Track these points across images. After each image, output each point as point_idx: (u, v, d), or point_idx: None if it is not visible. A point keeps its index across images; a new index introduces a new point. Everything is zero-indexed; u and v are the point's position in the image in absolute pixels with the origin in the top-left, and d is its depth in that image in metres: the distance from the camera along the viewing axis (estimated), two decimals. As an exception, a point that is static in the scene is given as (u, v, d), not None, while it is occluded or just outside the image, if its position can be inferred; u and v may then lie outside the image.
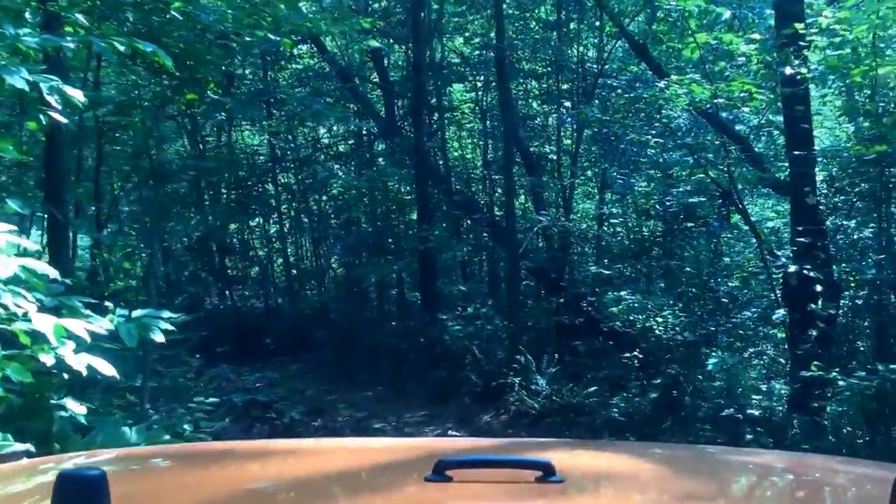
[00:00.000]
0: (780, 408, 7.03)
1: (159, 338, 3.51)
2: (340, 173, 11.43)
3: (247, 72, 13.73)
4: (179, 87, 6.57)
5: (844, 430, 6.15)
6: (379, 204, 11.37)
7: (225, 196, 14.21)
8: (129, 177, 8.12)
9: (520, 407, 8.34)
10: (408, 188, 11.79)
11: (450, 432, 8.12)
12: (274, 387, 9.54)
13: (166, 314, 3.61)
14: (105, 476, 1.13)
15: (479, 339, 9.34)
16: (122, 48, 3.88)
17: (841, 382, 5.83)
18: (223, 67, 6.73)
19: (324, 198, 13.26)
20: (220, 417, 6.11)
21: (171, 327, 3.57)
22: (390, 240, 11.65)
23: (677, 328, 8.73)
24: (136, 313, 3.51)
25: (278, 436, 8.06)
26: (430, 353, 9.86)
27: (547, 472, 1.46)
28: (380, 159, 12.78)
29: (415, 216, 11.30)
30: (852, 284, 8.60)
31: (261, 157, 13.88)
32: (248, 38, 6.96)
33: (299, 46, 13.73)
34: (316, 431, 8.23)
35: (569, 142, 11.48)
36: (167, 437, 4.11)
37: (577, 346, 9.12)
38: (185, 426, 4.52)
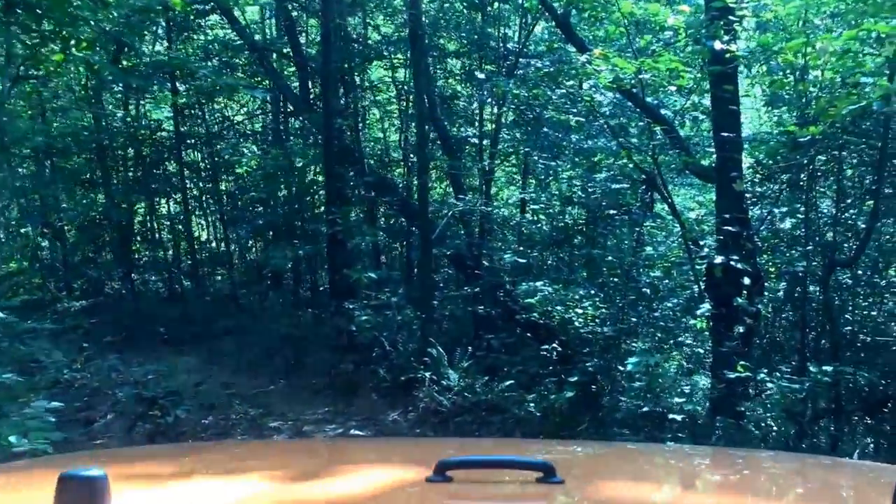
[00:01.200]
0: (702, 408, 6.63)
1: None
2: (247, 151, 10.63)
3: (157, 46, 12.90)
4: (42, 45, 5.75)
5: (771, 434, 5.76)
6: (287, 184, 10.61)
7: (131, 173, 13.27)
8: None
9: (429, 404, 7.77)
10: (320, 168, 11.09)
11: (352, 432, 7.51)
12: (166, 380, 8.74)
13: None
14: (106, 477, 1.15)
15: (388, 330, 8.72)
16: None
17: (770, 385, 5.42)
18: (92, 23, 5.90)
19: (231, 178, 12.44)
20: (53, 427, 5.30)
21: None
22: (299, 223, 10.90)
23: (597, 320, 8.30)
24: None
25: (161, 436, 7.33)
26: (336, 345, 9.21)
27: (548, 473, 1.46)
28: (292, 137, 12.03)
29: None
30: (773, 276, 8.30)
31: (164, 133, 12.95)
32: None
33: (209, 17, 12.92)
34: (204, 431, 7.50)
35: (492, 126, 10.98)
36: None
37: (491, 339, 8.61)
38: (12, 437, 3.78)
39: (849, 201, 7.66)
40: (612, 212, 9.51)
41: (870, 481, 1.82)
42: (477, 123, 11.23)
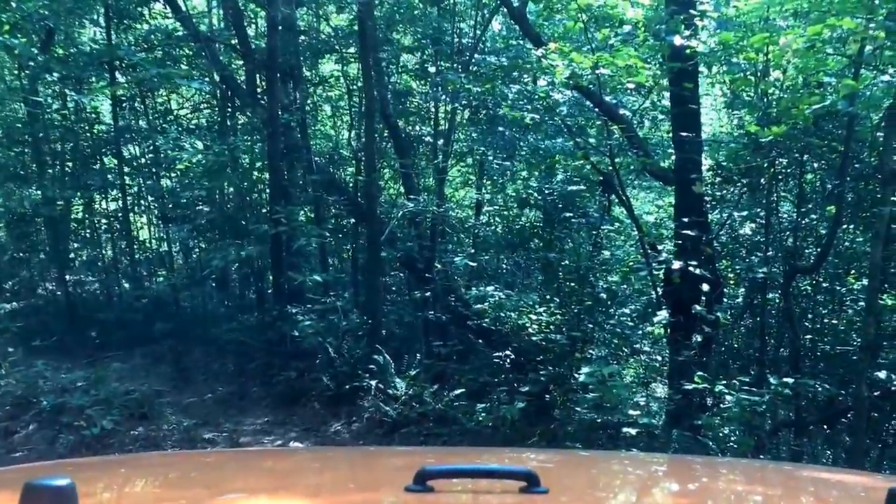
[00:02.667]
0: (658, 421, 6.32)
1: None
2: (188, 146, 10.10)
3: (95, 34, 12.31)
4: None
5: (729, 448, 5.48)
6: (230, 181, 10.09)
7: (70, 167, 12.65)
8: None
9: (374, 414, 7.37)
10: (265, 165, 10.60)
11: (292, 443, 7.07)
12: (95, 387, 8.20)
13: None
14: (74, 486, 1.10)
15: (333, 335, 8.29)
16: None
17: (728, 397, 5.12)
18: (14, 4, 5.39)
19: (172, 174, 11.89)
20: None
21: None
22: (244, 222, 10.40)
23: (552, 327, 7.98)
24: None
25: (86, 449, 6.82)
26: (279, 351, 8.75)
27: (531, 483, 1.42)
28: (238, 132, 11.52)
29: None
30: (731, 282, 8.06)
31: (103, 126, 12.36)
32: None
33: (151, 5, 12.36)
34: (132, 443, 7.01)
35: (446, 124, 10.64)
36: None
37: (440, 346, 8.26)
38: None
39: (810, 206, 7.44)
40: (568, 214, 9.20)
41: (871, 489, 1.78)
42: (432, 121, 10.87)
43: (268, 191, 10.73)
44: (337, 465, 2.00)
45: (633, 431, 5.47)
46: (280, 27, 9.76)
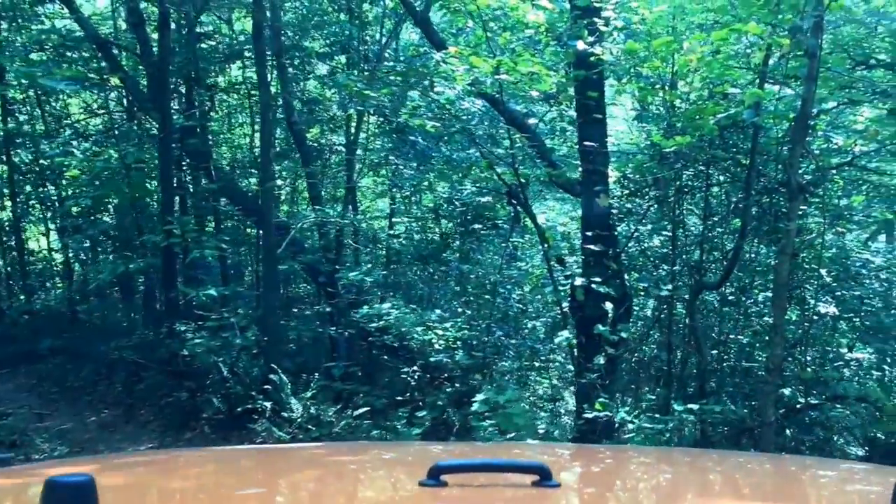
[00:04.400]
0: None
1: None
2: (77, 153, 9.47)
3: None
4: None
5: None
6: (120, 189, 9.49)
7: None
8: None
9: (267, 438, 6.92)
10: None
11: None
12: (-35, 412, 7.56)
13: None
14: (93, 482, 1.12)
15: (228, 353, 7.81)
16: None
17: (630, 425, 4.86)
18: None
19: (67, 181, 11.21)
20: None
21: None
22: (136, 232, 9.81)
23: (458, 342, 7.66)
24: None
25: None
26: (170, 370, 8.23)
27: (543, 477, 1.43)
28: (137, 139, 10.91)
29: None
30: (641, 295, 7.88)
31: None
32: None
33: (47, 6, 11.68)
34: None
35: (363, 135, 10.28)
36: None
37: (344, 364, 7.86)
38: None
39: (715, 219, 7.30)
40: (477, 226, 8.92)
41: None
42: (343, 130, 10.48)
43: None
44: (351, 461, 2.02)
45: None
46: (184, 30, 9.28)
